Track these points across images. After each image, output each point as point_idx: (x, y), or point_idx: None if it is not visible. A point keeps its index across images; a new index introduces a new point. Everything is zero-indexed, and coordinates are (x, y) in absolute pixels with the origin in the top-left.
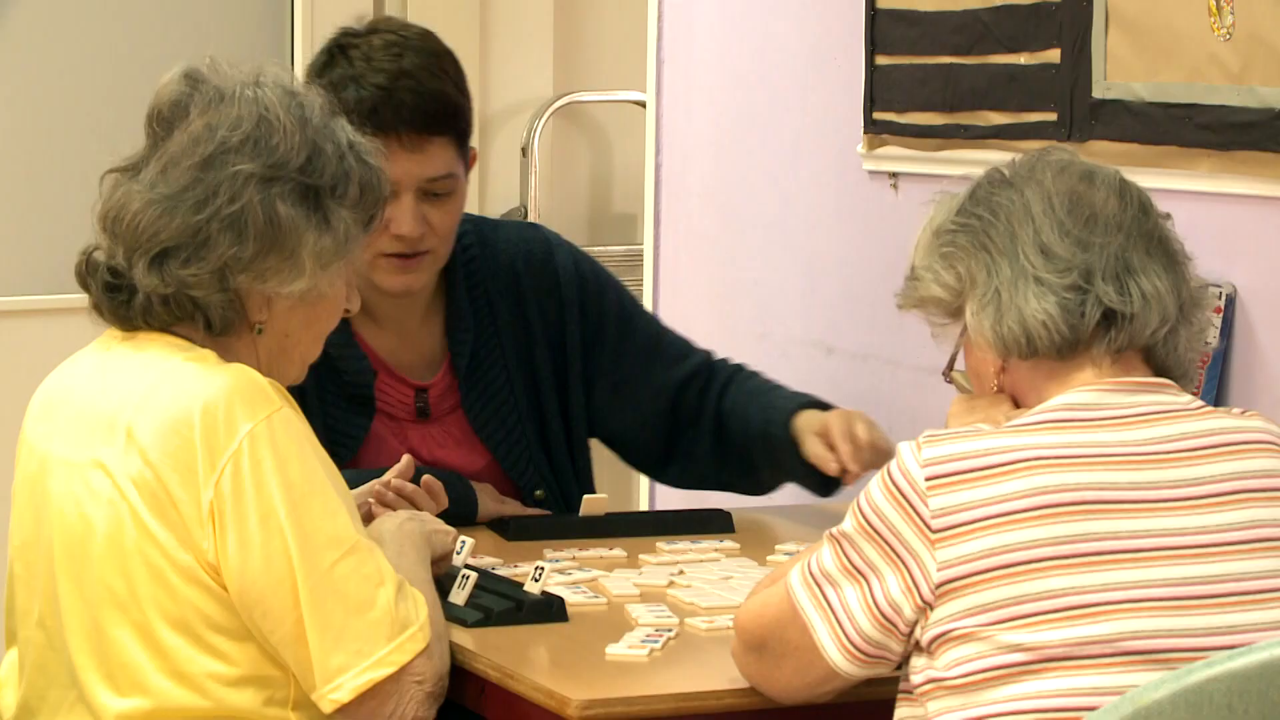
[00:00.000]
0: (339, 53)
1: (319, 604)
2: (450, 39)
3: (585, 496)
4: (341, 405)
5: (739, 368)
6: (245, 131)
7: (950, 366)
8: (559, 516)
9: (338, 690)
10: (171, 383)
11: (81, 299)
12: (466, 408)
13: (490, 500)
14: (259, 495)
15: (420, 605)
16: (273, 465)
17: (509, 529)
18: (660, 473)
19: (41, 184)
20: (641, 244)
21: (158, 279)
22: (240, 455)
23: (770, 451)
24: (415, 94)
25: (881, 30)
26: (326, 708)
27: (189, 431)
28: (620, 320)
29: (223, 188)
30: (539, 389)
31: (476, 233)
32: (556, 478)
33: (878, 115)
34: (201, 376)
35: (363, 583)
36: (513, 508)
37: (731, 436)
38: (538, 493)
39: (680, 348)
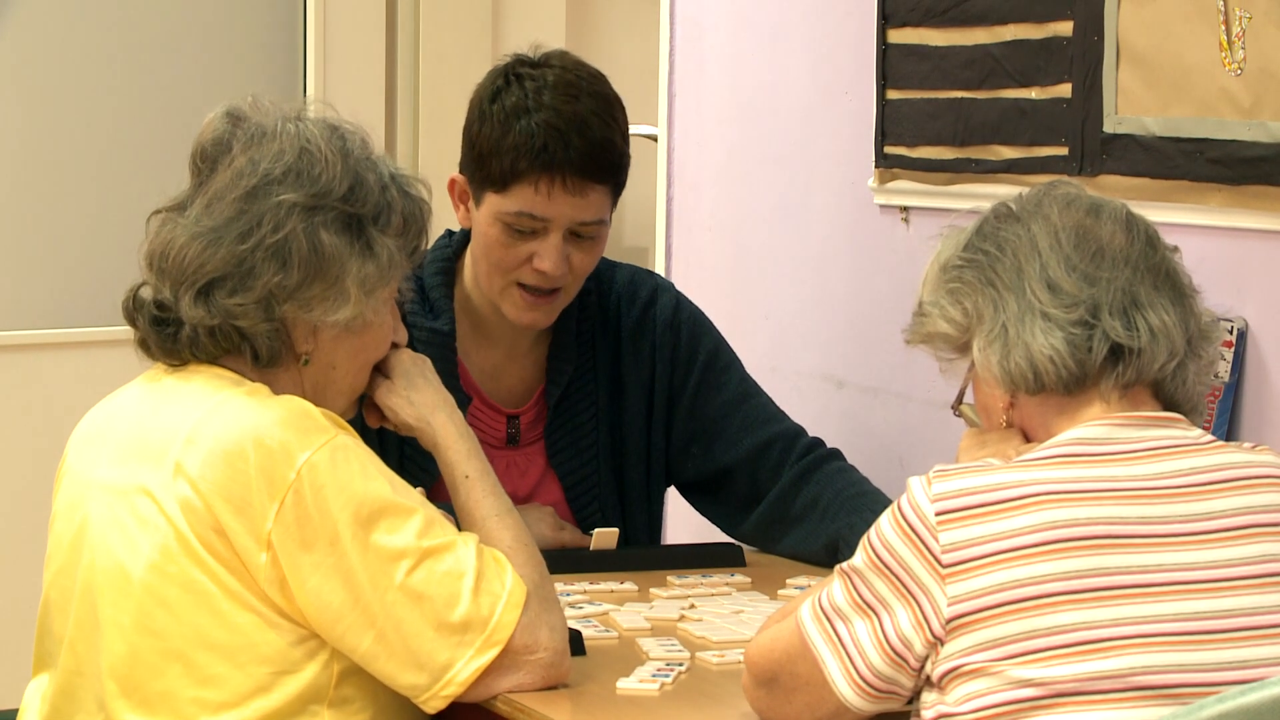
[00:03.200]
0: (514, 81)
1: (402, 617)
2: (462, 73)
3: (596, 530)
4: None
5: (828, 457)
6: (287, 163)
7: (959, 400)
8: (571, 550)
9: (448, 686)
10: (223, 414)
11: (115, 331)
12: (548, 438)
13: (547, 528)
14: (323, 521)
15: (503, 568)
16: (334, 490)
17: None
18: (730, 529)
19: (72, 217)
20: None
21: (203, 310)
22: (301, 484)
23: (827, 558)
24: (585, 140)
25: (892, 65)
26: (437, 706)
27: (243, 464)
28: (706, 373)
29: (266, 217)
30: (624, 430)
31: (594, 271)
32: (626, 522)
33: (889, 149)
34: (254, 409)
35: (443, 580)
36: (570, 535)
37: (790, 515)
38: (592, 532)
39: (766, 413)
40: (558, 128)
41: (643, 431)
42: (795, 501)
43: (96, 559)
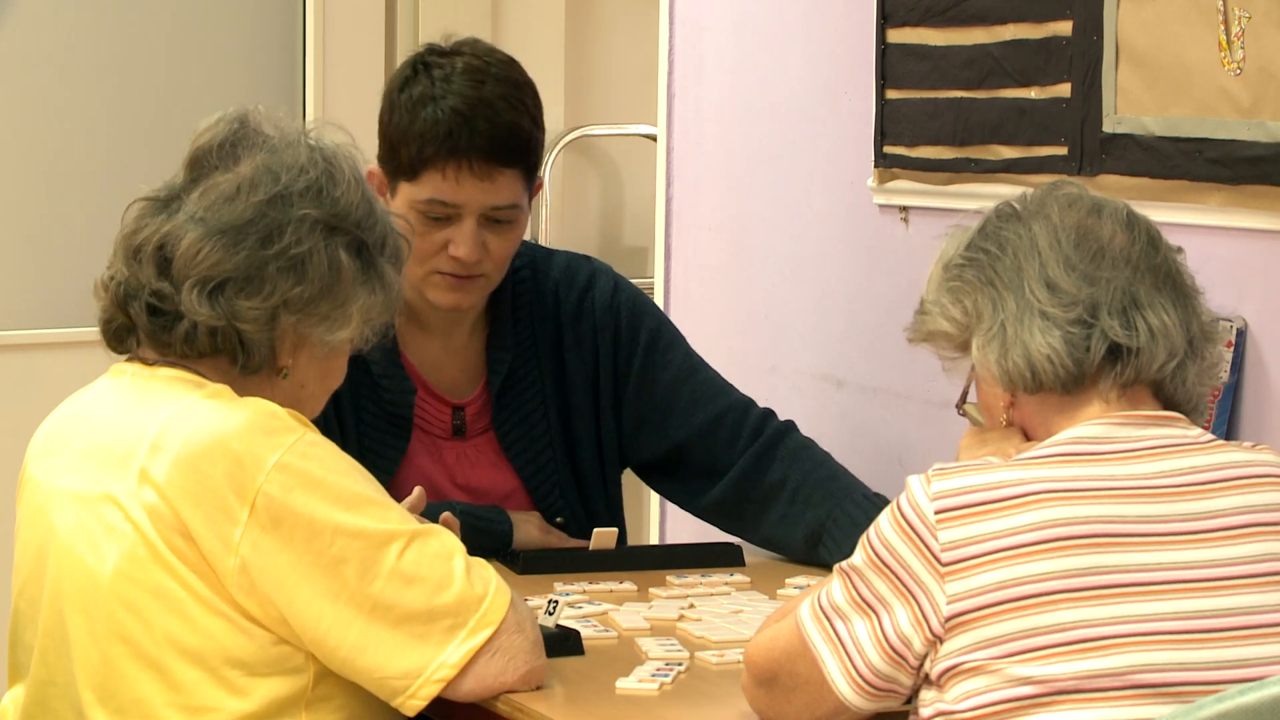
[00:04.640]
0: (422, 70)
1: (394, 601)
2: None
3: (595, 530)
4: (380, 426)
5: (785, 431)
6: (311, 179)
7: (963, 400)
8: (570, 550)
9: (441, 669)
10: (189, 419)
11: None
12: (497, 427)
13: (536, 531)
14: (299, 519)
15: (483, 562)
16: (310, 487)
17: (519, 562)
18: (690, 505)
19: (72, 218)
20: (652, 277)
21: (209, 309)
22: (271, 486)
23: (806, 549)
24: (491, 124)
25: (892, 64)
26: (426, 695)
27: (211, 468)
28: (649, 353)
29: (289, 228)
30: (572, 416)
31: (530, 258)
32: (585, 506)
33: (888, 149)
34: (220, 412)
35: (434, 561)
36: (558, 538)
37: (758, 495)
38: (558, 519)
39: (714, 387)
40: (463, 113)
41: (591, 416)
42: (762, 481)
43: (63, 568)
